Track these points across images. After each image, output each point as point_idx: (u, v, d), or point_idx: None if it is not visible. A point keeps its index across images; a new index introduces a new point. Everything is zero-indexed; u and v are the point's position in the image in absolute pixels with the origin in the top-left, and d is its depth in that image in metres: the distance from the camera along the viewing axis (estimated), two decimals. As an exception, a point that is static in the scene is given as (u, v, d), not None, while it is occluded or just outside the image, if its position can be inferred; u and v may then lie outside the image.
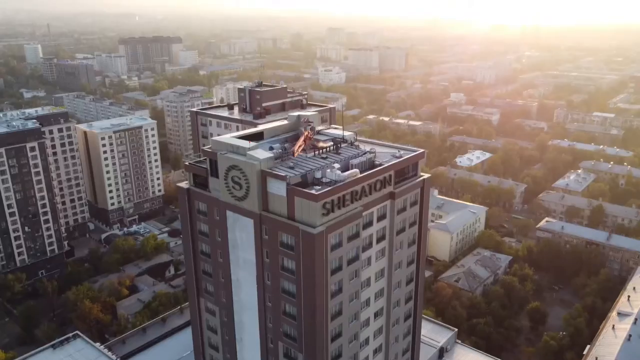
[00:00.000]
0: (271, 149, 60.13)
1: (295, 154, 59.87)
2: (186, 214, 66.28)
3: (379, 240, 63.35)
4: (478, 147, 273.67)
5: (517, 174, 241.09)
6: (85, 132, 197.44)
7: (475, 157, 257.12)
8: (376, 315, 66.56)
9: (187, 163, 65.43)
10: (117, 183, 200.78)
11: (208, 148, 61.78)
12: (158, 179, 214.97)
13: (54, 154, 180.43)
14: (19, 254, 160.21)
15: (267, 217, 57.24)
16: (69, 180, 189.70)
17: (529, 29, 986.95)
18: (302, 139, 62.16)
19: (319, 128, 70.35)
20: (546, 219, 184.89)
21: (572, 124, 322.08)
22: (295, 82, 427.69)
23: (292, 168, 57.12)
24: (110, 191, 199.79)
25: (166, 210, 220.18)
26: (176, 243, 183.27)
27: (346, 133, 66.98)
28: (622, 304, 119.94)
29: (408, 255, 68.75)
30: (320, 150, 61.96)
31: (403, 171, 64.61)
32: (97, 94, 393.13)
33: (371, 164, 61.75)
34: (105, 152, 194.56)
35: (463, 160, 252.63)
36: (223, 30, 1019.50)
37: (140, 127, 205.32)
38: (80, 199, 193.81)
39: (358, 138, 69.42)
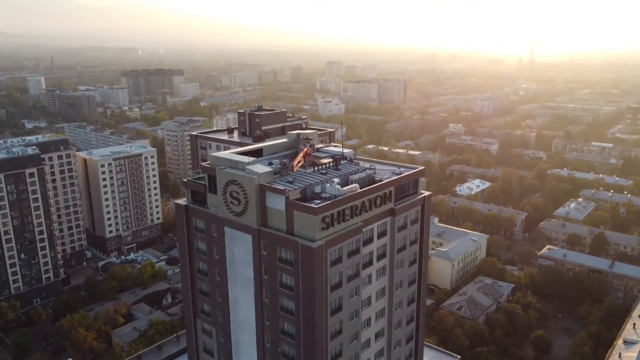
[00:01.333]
0: (270, 164, 59.76)
1: (295, 169, 59.45)
2: (184, 231, 65.36)
3: (379, 258, 62.27)
4: (477, 176, 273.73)
5: (517, 202, 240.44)
6: (85, 160, 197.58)
7: (475, 185, 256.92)
8: (377, 336, 64.84)
9: (185, 180, 64.95)
10: (115, 211, 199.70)
11: (207, 164, 61.41)
12: (157, 206, 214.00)
13: (53, 180, 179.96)
14: (14, 281, 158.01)
15: (265, 232, 56.36)
16: (67, 207, 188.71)
17: (525, 63, 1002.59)
18: (301, 154, 61.86)
19: (318, 146, 70.17)
20: (548, 246, 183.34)
21: (570, 153, 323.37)
22: (295, 112, 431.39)
23: (291, 183, 56.63)
24: (109, 219, 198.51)
25: (164, 238, 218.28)
26: (174, 271, 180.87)
27: (345, 150, 66.75)
28: (627, 331, 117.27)
29: (409, 274, 67.48)
30: (320, 166, 61.55)
31: (403, 188, 64.07)
32: (98, 124, 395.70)
33: (371, 180, 61.27)
34: (104, 179, 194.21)
35: (463, 188, 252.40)
36: (224, 64, 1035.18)
37: (140, 154, 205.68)
38: (78, 226, 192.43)
39: (357, 156, 69.09)
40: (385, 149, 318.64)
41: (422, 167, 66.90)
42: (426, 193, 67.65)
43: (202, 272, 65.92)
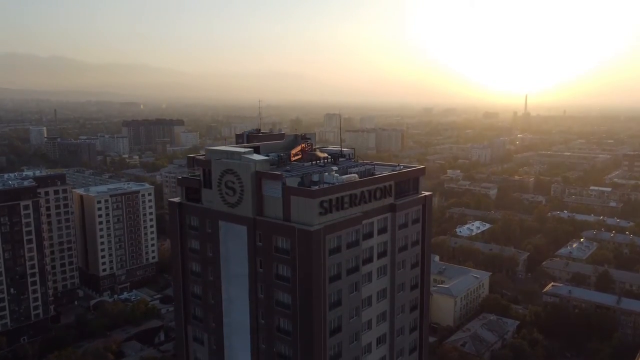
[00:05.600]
0: (267, 156, 58.48)
1: (292, 159, 58.16)
2: (177, 230, 63.17)
3: (380, 256, 59.90)
4: (477, 218, 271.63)
5: (518, 243, 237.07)
6: (81, 196, 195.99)
7: (475, 227, 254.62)
8: (379, 341, 61.32)
9: (179, 177, 63.50)
10: (110, 248, 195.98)
11: (202, 156, 60.21)
12: (153, 245, 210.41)
13: (48, 215, 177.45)
14: (2, 317, 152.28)
15: (261, 221, 54.31)
16: (61, 243, 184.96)
17: (519, 116, 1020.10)
18: (298, 148, 60.77)
19: (315, 147, 69.19)
20: (552, 283, 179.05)
21: (570, 197, 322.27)
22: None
23: (288, 172, 55.17)
24: (103, 256, 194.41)
25: (159, 278, 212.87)
26: (168, 310, 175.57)
27: (344, 149, 65.81)
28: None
29: (411, 278, 64.77)
30: (318, 160, 60.33)
31: (404, 186, 62.53)
32: (97, 169, 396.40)
33: (370, 175, 59.86)
34: (100, 215, 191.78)
35: (463, 230, 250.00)
36: (224, 116, 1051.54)
37: (138, 191, 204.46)
38: (71, 263, 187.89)
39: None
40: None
41: (422, 166, 65.73)
42: (427, 193, 66.08)
43: (194, 273, 63.19)
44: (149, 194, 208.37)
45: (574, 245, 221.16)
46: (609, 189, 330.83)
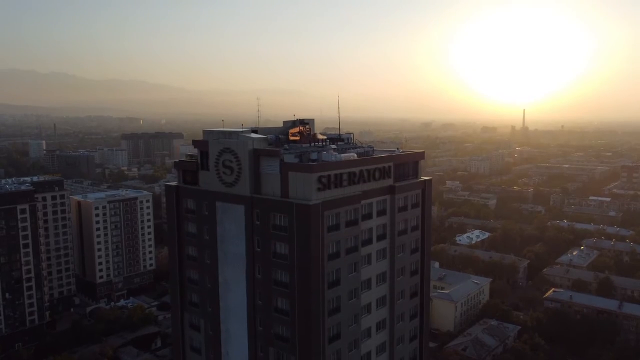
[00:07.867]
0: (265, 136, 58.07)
1: (290, 137, 57.73)
2: (174, 213, 62.46)
3: (379, 239, 59.11)
4: (477, 227, 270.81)
5: (518, 251, 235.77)
6: (79, 202, 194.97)
7: (474, 235, 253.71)
8: (378, 327, 60.14)
9: (176, 160, 63.06)
10: (107, 255, 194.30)
11: (199, 139, 59.79)
12: (150, 252, 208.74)
13: (45, 221, 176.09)
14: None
15: (259, 199, 53.65)
16: (57, 249, 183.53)
17: (517, 130, 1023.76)
18: (297, 129, 60.40)
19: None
20: (553, 289, 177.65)
21: (569, 207, 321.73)
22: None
23: (287, 149, 54.67)
24: (100, 263, 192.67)
25: (157, 286, 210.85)
26: (165, 316, 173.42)
27: (343, 134, 65.44)
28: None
29: (411, 263, 63.86)
30: (317, 142, 59.92)
31: (403, 169, 62.06)
32: (96, 181, 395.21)
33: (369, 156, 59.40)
34: (97, 222, 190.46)
35: (463, 238, 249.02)
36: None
37: (136, 198, 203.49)
38: (67, 269, 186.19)
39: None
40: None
41: (422, 151, 65.30)
42: (426, 178, 65.56)
43: (191, 257, 62.30)
44: (147, 201, 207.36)
45: (575, 253, 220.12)
46: (608, 199, 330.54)
